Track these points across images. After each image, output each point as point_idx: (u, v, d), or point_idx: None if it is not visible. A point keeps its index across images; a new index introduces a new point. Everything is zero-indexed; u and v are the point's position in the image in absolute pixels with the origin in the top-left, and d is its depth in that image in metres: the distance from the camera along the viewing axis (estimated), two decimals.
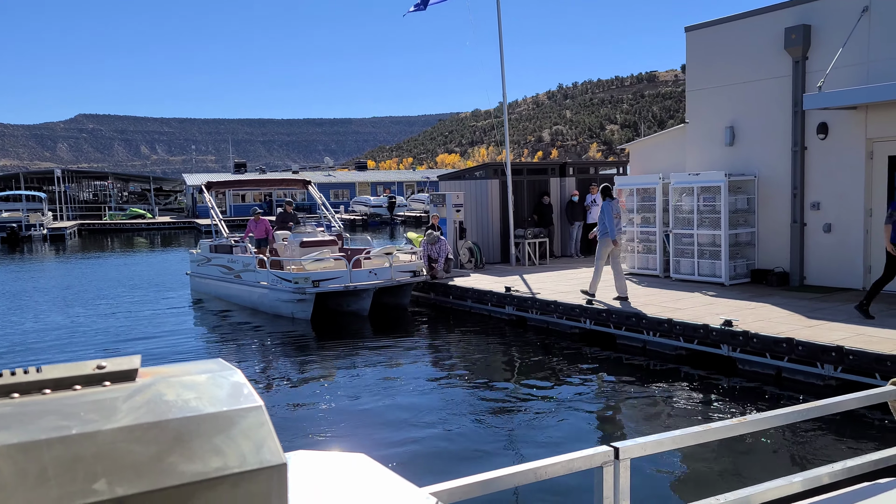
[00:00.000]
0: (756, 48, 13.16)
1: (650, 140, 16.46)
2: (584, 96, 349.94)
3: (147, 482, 0.87)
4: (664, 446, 2.51)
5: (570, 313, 12.15)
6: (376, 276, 15.01)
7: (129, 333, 14.46)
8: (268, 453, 0.97)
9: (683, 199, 13.85)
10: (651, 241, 14.88)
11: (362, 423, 8.61)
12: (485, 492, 2.16)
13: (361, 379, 10.61)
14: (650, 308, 11.35)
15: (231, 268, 17.06)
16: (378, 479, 1.37)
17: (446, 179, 20.08)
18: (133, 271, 25.70)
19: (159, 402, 0.95)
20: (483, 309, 14.35)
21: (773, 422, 2.77)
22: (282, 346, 13.23)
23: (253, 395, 1.03)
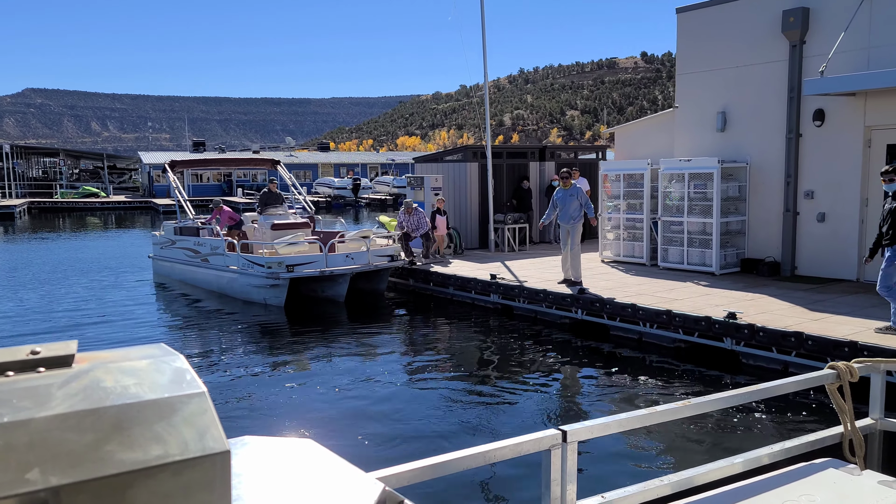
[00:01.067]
0: (751, 31, 12.80)
1: (636, 125, 16.07)
2: (545, 81, 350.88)
3: (83, 471, 0.84)
4: (611, 429, 2.52)
5: (561, 303, 11.70)
6: (353, 260, 14.39)
7: (82, 319, 13.65)
8: (211, 440, 0.94)
9: (673, 185, 13.48)
10: (637, 229, 14.51)
11: (332, 413, 8.28)
12: (433, 476, 2.14)
13: (336, 368, 10.14)
14: (643, 298, 10.96)
15: (198, 251, 16.25)
16: (325, 465, 1.34)
17: (423, 162, 19.48)
18: (89, 253, 24.56)
19: (97, 389, 0.92)
20: (466, 297, 13.84)
21: (717, 405, 2.79)
22: (253, 333, 12.58)
23: (196, 381, 1.00)
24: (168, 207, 45.08)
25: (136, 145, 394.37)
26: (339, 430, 7.68)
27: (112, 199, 51.68)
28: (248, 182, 57.16)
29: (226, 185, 56.90)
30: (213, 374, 9.93)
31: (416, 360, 10.54)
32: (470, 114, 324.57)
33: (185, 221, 17.48)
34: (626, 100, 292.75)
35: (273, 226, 15.58)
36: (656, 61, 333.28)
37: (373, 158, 68.78)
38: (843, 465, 2.79)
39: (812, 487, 2.59)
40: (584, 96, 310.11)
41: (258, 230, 16.05)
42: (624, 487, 2.60)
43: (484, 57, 17.26)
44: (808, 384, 3.04)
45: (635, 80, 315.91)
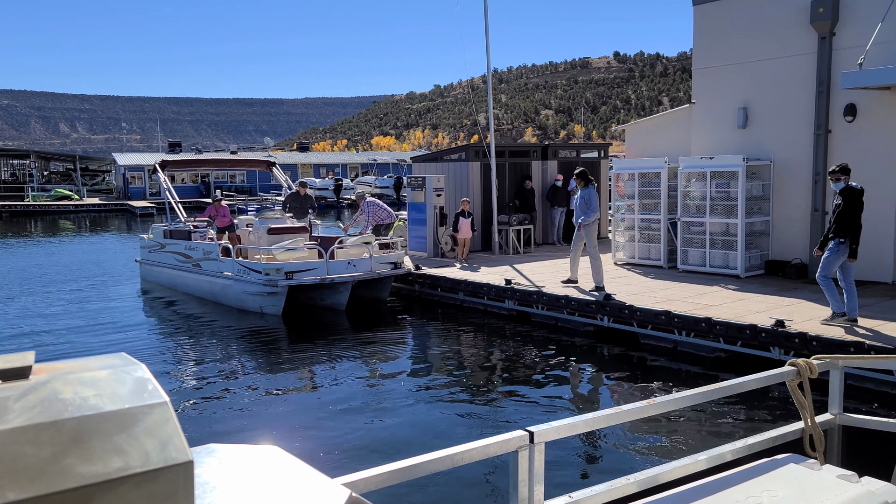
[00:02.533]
0: (775, 23, 12.28)
1: (649, 122, 15.51)
2: (519, 81, 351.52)
3: (41, 485, 0.83)
4: (578, 429, 2.54)
5: (585, 309, 11.08)
6: (355, 267, 13.64)
7: (64, 329, 12.85)
8: (173, 451, 0.93)
9: (693, 184, 12.93)
10: (653, 230, 13.94)
11: (332, 428, 7.79)
12: (401, 480, 2.11)
13: (339, 380, 9.60)
14: (675, 305, 10.37)
15: (189, 255, 15.41)
16: (290, 471, 1.29)
17: (421, 161, 18.78)
18: (69, 258, 23.49)
19: (55, 401, 0.90)
20: (478, 303, 13.17)
21: (682, 402, 2.84)
22: (248, 343, 11.86)
23: (158, 391, 0.98)
24: (145, 210, 43.91)
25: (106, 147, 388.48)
26: (338, 447, 7.22)
27: (86, 202, 50.24)
28: (225, 183, 55.98)
29: (203, 187, 55.64)
30: (206, 387, 9.34)
31: (428, 372, 9.91)
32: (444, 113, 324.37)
33: (175, 224, 16.59)
34: (599, 99, 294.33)
35: (270, 230, 14.78)
36: (629, 61, 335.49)
37: (353, 158, 67.76)
38: (803, 461, 2.81)
39: (774, 483, 2.62)
40: (557, 96, 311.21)
41: (253, 234, 15.25)
42: (591, 487, 2.58)
43: (487, 50, 16.62)
44: (769, 381, 3.08)
45: (608, 79, 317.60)
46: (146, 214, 43.15)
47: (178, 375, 10.09)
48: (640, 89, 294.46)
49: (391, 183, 50.85)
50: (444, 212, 16.57)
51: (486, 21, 16.46)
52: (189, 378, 9.89)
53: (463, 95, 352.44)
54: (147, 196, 54.62)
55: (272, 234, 14.69)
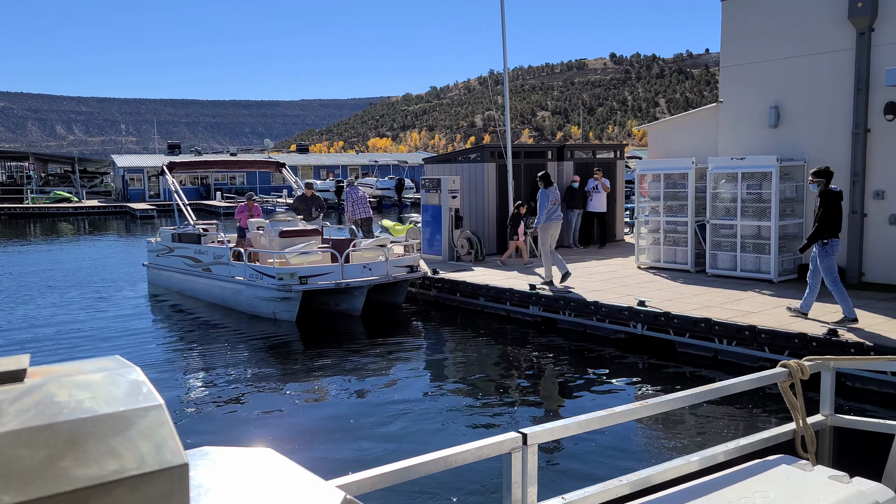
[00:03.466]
0: (810, 19, 11.86)
1: (671, 122, 15.08)
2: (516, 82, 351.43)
3: (36, 489, 0.83)
4: (570, 431, 2.54)
5: (617, 316, 10.63)
6: (371, 271, 13.18)
7: (69, 335, 12.41)
8: (168, 453, 0.93)
9: (723, 186, 12.50)
10: (679, 233, 13.50)
11: (343, 439, 7.51)
12: (395, 482, 2.11)
13: (356, 393, 9.13)
14: (712, 311, 9.93)
15: (199, 259, 14.93)
16: (284, 473, 1.30)
17: (434, 162, 18.34)
18: (73, 262, 22.99)
19: (50, 404, 0.90)
20: (500, 308, 12.71)
21: (674, 404, 2.83)
22: (261, 350, 11.43)
23: (153, 394, 0.98)
24: (145, 212, 43.39)
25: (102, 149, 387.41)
26: (347, 458, 6.94)
27: (85, 204, 49.68)
28: (226, 185, 55.50)
29: (203, 189, 55.15)
30: (216, 394, 9.05)
31: (447, 382, 9.55)
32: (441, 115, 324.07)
33: (184, 227, 16.11)
34: (596, 100, 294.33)
35: (281, 233, 14.29)
36: (625, 62, 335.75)
37: (353, 160, 67.24)
38: (795, 461, 2.82)
39: (766, 483, 2.62)
40: (554, 97, 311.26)
41: (264, 237, 14.75)
42: (584, 488, 2.57)
43: (504, 45, 16.19)
44: (760, 382, 3.08)
45: (605, 80, 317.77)
46: (146, 217, 42.63)
47: (188, 382, 9.76)
48: (636, 91, 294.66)
49: (392, 185, 50.34)
50: (460, 214, 16.13)
51: (502, 16, 16.04)
52: (199, 385, 9.58)
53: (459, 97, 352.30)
54: (146, 198, 54.12)
55: (284, 238, 14.21)
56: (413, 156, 71.73)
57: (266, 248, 14.32)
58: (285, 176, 17.90)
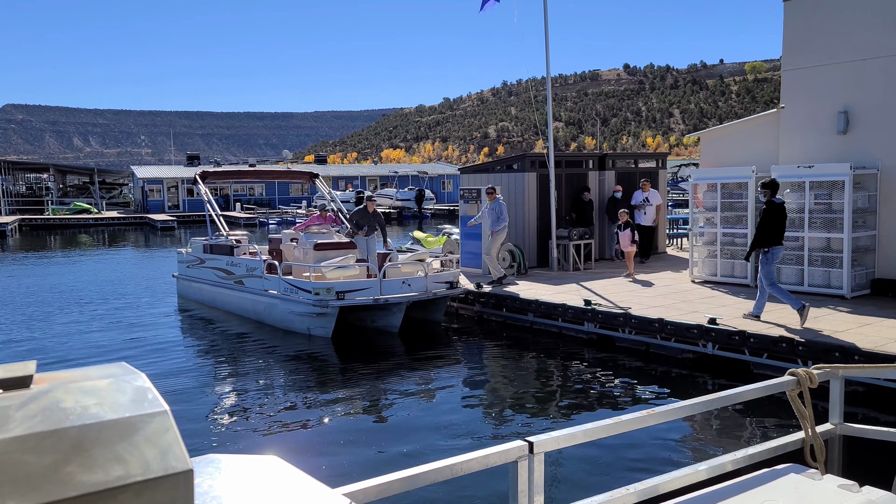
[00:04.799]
0: (881, 17, 11.18)
1: (725, 129, 14.39)
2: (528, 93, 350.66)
3: (42, 494, 0.83)
4: (577, 439, 2.52)
5: (685, 334, 9.93)
6: (410, 287, 12.54)
7: (99, 348, 11.96)
8: (173, 459, 0.93)
9: (787, 195, 11.79)
10: (737, 245, 12.80)
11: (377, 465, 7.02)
12: (401, 490, 2.09)
13: (396, 416, 8.58)
14: (788, 330, 9.22)
15: (231, 272, 14.36)
16: (290, 481, 1.31)
17: (470, 172, 17.72)
18: (99, 274, 22.49)
19: (56, 410, 0.91)
20: (551, 325, 12.04)
21: (681, 413, 2.83)
22: (295, 367, 10.88)
23: (158, 400, 0.99)
24: (165, 223, 43.03)
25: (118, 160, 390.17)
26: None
27: (105, 216, 49.44)
28: (245, 196, 55.14)
29: (222, 200, 54.80)
30: (246, 407, 8.68)
31: (496, 404, 8.88)
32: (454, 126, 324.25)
33: (216, 238, 15.54)
34: (609, 111, 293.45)
35: (316, 245, 13.69)
36: (639, 73, 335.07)
37: (372, 171, 66.75)
38: (804, 471, 2.79)
39: (774, 493, 2.60)
40: (567, 108, 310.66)
41: (298, 250, 14.15)
42: (590, 497, 2.52)
43: (546, 49, 15.59)
44: (769, 391, 3.08)
45: (618, 91, 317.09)
46: (167, 228, 42.25)
47: (217, 395, 9.46)
48: (650, 102, 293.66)
49: (413, 195, 49.77)
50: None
51: (545, 24, 15.45)
52: (227, 398, 9.27)
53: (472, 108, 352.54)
54: (166, 209, 53.85)
55: (319, 251, 13.61)
56: (433, 166, 71.23)
57: (300, 261, 13.74)
58: (319, 186, 17.32)
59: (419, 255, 13.50)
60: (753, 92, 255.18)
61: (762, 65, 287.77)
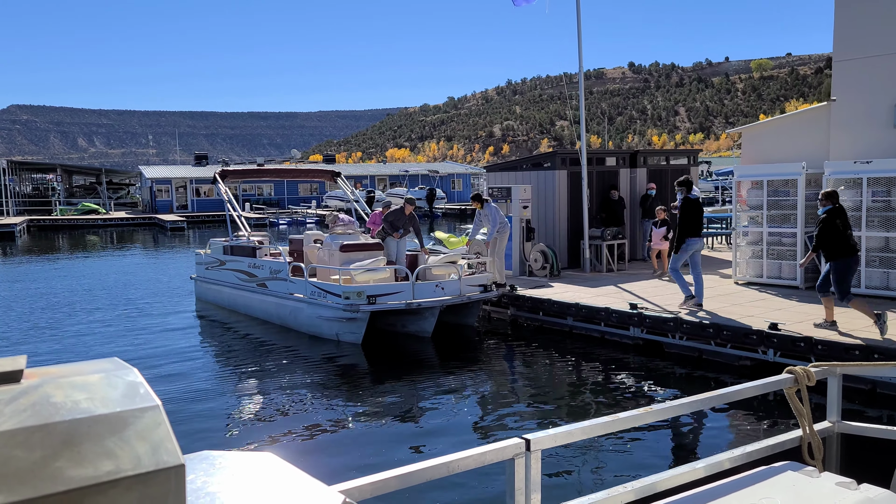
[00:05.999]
0: None
1: (769, 124, 13.79)
2: (533, 92, 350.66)
3: (31, 489, 0.83)
4: (574, 437, 2.53)
5: (743, 340, 9.36)
6: (444, 290, 11.98)
7: (115, 352, 11.38)
8: (165, 454, 0.93)
9: (843, 192, 11.21)
10: (784, 245, 12.23)
11: None
12: (397, 487, 2.08)
13: (430, 419, 8.00)
14: (860, 335, 8.65)
15: (253, 274, 13.82)
16: (285, 478, 1.30)
17: (497, 170, 17.16)
18: (112, 275, 21.98)
19: (46, 405, 0.91)
20: (593, 330, 11.48)
21: (679, 410, 2.84)
22: (323, 374, 10.34)
23: (150, 395, 0.99)
24: (175, 224, 42.53)
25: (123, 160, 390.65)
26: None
27: (114, 216, 48.97)
28: (253, 196, 54.63)
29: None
30: (268, 413, 8.34)
31: (532, 409, 8.20)
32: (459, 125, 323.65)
33: (237, 239, 14.99)
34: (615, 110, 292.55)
35: (342, 247, 13.13)
36: (644, 71, 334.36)
37: (382, 170, 66.12)
38: (802, 468, 2.76)
39: (772, 490, 2.58)
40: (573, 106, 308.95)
41: (323, 251, 13.58)
42: (588, 495, 2.52)
43: (579, 43, 15.02)
44: (767, 388, 3.07)
45: (623, 90, 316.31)
46: (177, 229, 41.74)
47: (239, 399, 9.11)
48: (655, 99, 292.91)
49: (423, 195, 49.20)
50: (531, 225, 14.93)
51: (578, 18, 14.87)
52: (249, 403, 8.90)
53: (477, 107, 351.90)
54: (174, 209, 53.37)
55: (345, 252, 13.05)
56: (443, 165, 70.59)
57: (325, 262, 13.19)
58: (341, 185, 16.76)
59: (451, 257, 12.93)
60: (759, 90, 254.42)
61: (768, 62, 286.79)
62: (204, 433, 7.98)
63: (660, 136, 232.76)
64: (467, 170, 65.77)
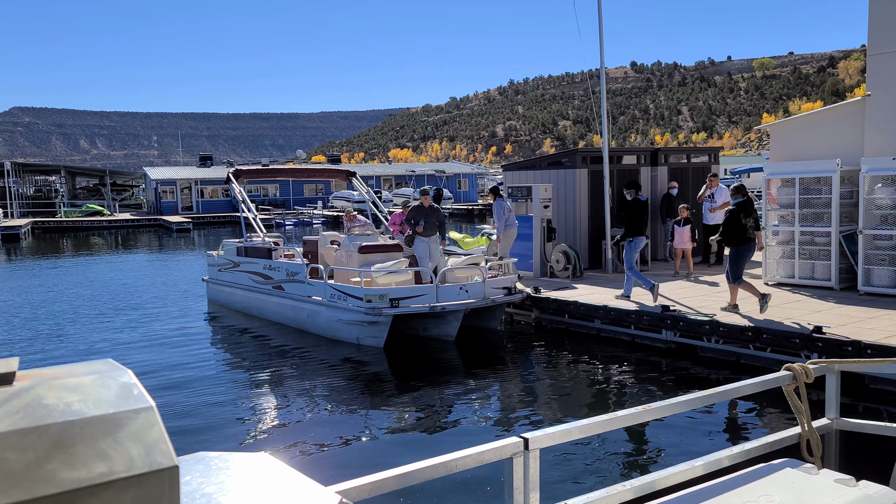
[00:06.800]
0: None
1: (800, 120, 13.41)
2: (536, 92, 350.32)
3: (23, 491, 0.83)
4: (573, 435, 2.53)
5: (785, 344, 9.00)
6: (468, 293, 11.63)
7: (133, 357, 11.19)
8: (158, 456, 0.93)
9: (879, 190, 10.86)
10: (818, 245, 11.87)
11: None
12: (395, 487, 2.07)
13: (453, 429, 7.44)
14: None
15: (269, 276, 13.48)
16: (282, 478, 1.30)
17: (514, 169, 16.81)
18: (120, 277, 21.66)
19: (38, 407, 0.90)
20: (622, 333, 11.14)
21: (677, 408, 2.83)
22: (350, 380, 10.00)
23: (143, 396, 0.98)
24: (181, 225, 42.23)
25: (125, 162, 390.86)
26: None
27: (119, 218, 48.67)
28: (258, 197, 54.31)
29: (236, 201, 54.00)
30: (290, 418, 7.99)
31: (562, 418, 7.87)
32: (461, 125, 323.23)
33: (251, 240, 14.64)
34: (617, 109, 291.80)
35: (361, 248, 12.80)
36: (646, 71, 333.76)
37: (388, 170, 65.74)
38: (800, 465, 2.76)
39: (771, 488, 2.59)
40: (575, 106, 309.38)
41: (341, 253, 13.24)
42: (587, 493, 2.53)
43: (601, 40, 14.68)
44: (765, 386, 3.07)
45: (626, 89, 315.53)
46: (182, 230, 41.45)
47: (259, 404, 8.85)
48: (658, 99, 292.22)
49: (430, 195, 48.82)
50: (552, 225, 14.57)
51: (599, 15, 14.52)
52: (280, 409, 8.58)
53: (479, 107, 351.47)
54: (179, 211, 53.07)
55: (364, 254, 12.72)
56: (449, 165, 70.22)
57: (343, 264, 12.85)
58: (356, 185, 16.41)
59: (474, 259, 12.56)
60: (762, 89, 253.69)
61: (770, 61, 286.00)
62: (222, 436, 7.75)
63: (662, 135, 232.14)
64: (473, 170, 65.41)
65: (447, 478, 2.20)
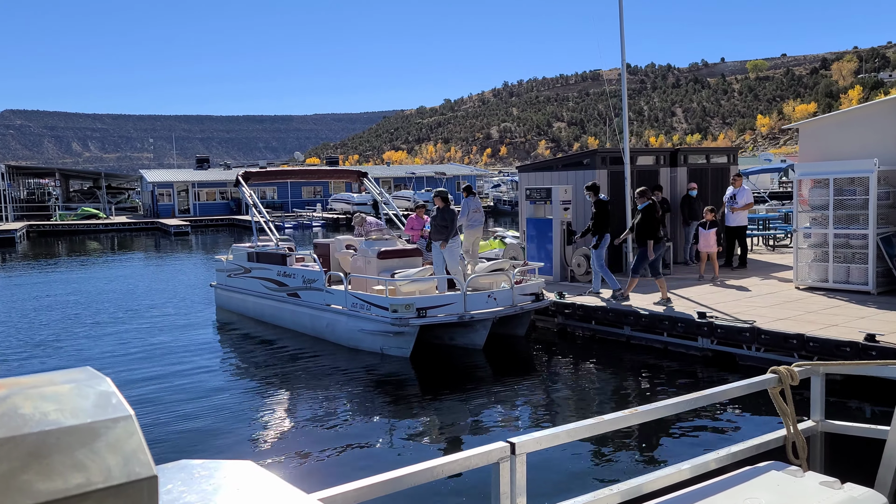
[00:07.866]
0: None
1: (831, 118, 13.03)
2: (530, 94, 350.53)
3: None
4: (559, 440, 2.52)
5: (833, 353, 8.60)
6: (496, 301, 11.19)
7: (129, 366, 10.89)
8: (137, 465, 0.91)
9: None
10: (853, 247, 11.49)
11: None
12: (380, 494, 2.03)
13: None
14: None
15: (284, 283, 13.02)
16: (264, 486, 1.29)
17: (529, 171, 16.40)
18: (123, 282, 21.15)
19: (14, 416, 0.88)
20: (654, 340, 10.73)
21: (665, 411, 2.84)
22: (378, 394, 9.60)
23: (122, 405, 0.96)
24: (179, 229, 41.69)
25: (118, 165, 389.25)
26: None
27: (115, 221, 48.04)
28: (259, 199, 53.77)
29: (233, 203, 53.50)
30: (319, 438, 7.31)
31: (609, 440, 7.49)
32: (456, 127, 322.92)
33: (264, 245, 14.15)
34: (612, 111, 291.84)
35: (381, 254, 12.32)
36: (640, 72, 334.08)
37: (387, 172, 65.25)
38: (786, 468, 2.78)
39: (757, 490, 2.60)
40: (569, 108, 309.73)
41: (359, 259, 12.75)
42: (573, 498, 2.51)
43: (622, 38, 14.29)
44: (750, 389, 3.09)
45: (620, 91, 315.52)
46: (181, 233, 40.91)
47: (279, 417, 8.58)
48: (652, 101, 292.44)
49: (430, 196, 48.43)
50: (573, 228, 14.17)
51: (620, 13, 14.14)
52: (303, 419, 8.17)
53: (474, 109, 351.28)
54: (177, 213, 52.50)
55: (383, 259, 12.25)
56: (450, 167, 69.81)
57: (361, 270, 12.39)
58: (368, 186, 15.95)
59: (498, 264, 12.11)
60: (756, 90, 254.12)
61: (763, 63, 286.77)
62: (237, 448, 7.38)
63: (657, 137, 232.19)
64: (473, 171, 65.02)
65: (436, 483, 2.10)
